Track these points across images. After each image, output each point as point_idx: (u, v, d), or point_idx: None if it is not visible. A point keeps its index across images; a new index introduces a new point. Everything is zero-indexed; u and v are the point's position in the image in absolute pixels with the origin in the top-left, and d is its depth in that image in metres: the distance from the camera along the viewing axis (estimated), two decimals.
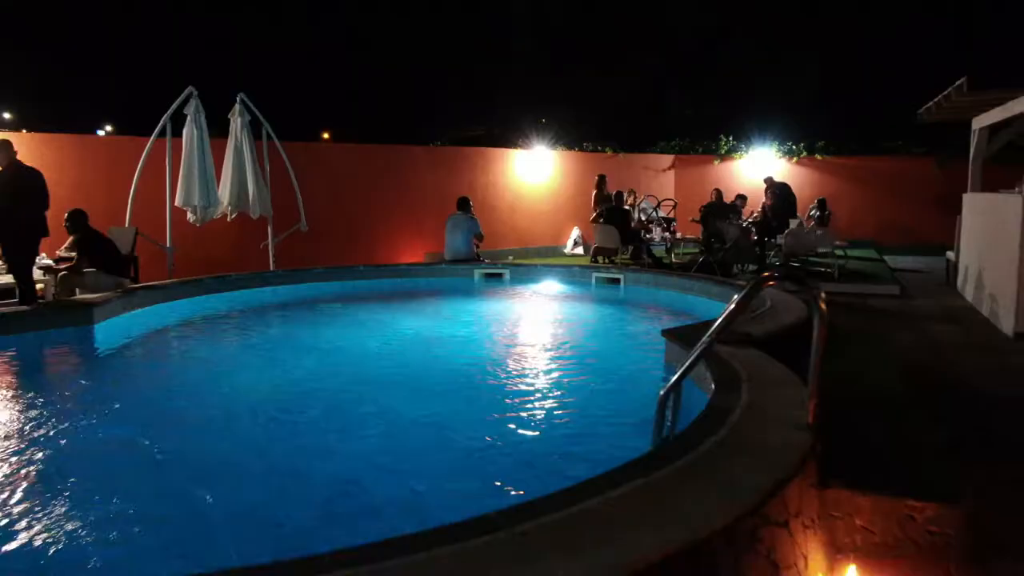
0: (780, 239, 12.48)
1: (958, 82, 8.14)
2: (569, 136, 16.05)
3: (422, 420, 4.27)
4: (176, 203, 9.24)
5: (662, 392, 3.19)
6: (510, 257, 10.62)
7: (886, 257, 14.50)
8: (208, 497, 3.21)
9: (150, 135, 9.13)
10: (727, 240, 10.38)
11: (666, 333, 4.98)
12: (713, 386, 3.67)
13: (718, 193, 13.97)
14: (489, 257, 12.88)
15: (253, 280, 8.80)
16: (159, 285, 7.70)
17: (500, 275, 9.98)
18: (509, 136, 15.23)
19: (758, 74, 20.92)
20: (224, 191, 9.76)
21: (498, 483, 3.44)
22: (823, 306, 3.05)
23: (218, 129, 10.06)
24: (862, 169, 17.21)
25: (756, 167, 17.58)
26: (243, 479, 3.49)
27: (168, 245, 9.21)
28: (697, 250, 14.84)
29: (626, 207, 13.06)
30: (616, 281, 9.26)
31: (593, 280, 9.49)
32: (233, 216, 9.93)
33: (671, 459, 2.59)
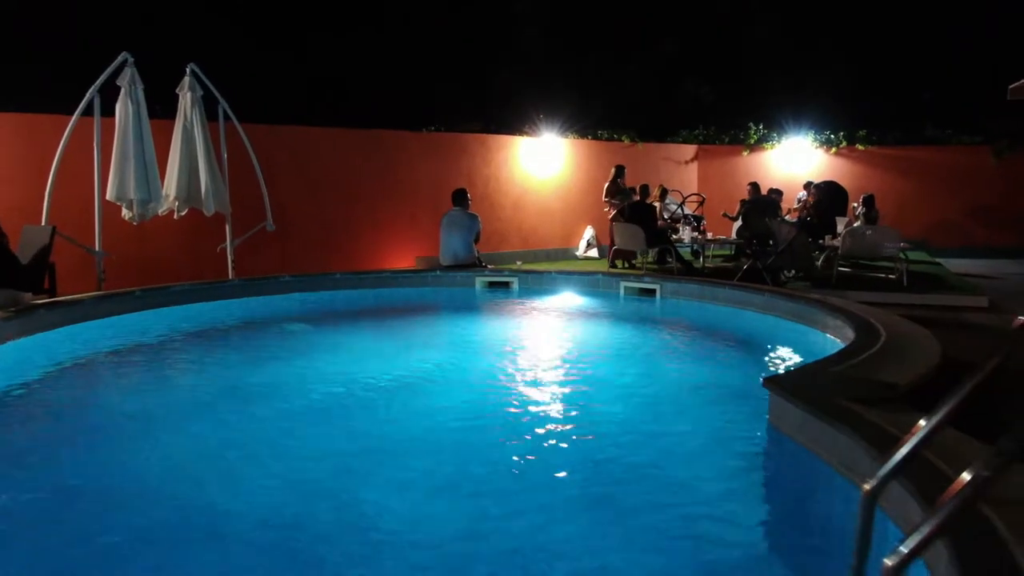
0: (829, 240, 10.90)
1: None
2: (581, 123, 14.42)
3: (417, 543, 2.65)
4: (107, 197, 7.63)
5: (869, 487, 1.69)
6: (518, 262, 9.03)
7: (940, 260, 12.95)
8: None
9: (73, 111, 7.50)
10: (779, 241, 8.78)
11: (771, 382, 3.39)
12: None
13: (756, 187, 12.40)
14: (490, 261, 11.26)
15: (200, 292, 7.21)
16: (68, 301, 6.08)
17: (507, 284, 8.39)
18: (513, 122, 13.60)
19: (788, 56, 19.33)
20: (170, 183, 8.16)
21: None
22: None
23: (164, 107, 8.46)
24: (908, 160, 15.63)
25: (790, 158, 16.01)
26: None
27: (97, 249, 7.60)
28: (730, 252, 13.29)
29: (654, 203, 11.47)
30: (651, 293, 7.67)
31: (622, 291, 7.89)
32: (182, 213, 8.33)
33: None
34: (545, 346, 6.11)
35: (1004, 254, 14.15)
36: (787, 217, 11.88)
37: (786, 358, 5.42)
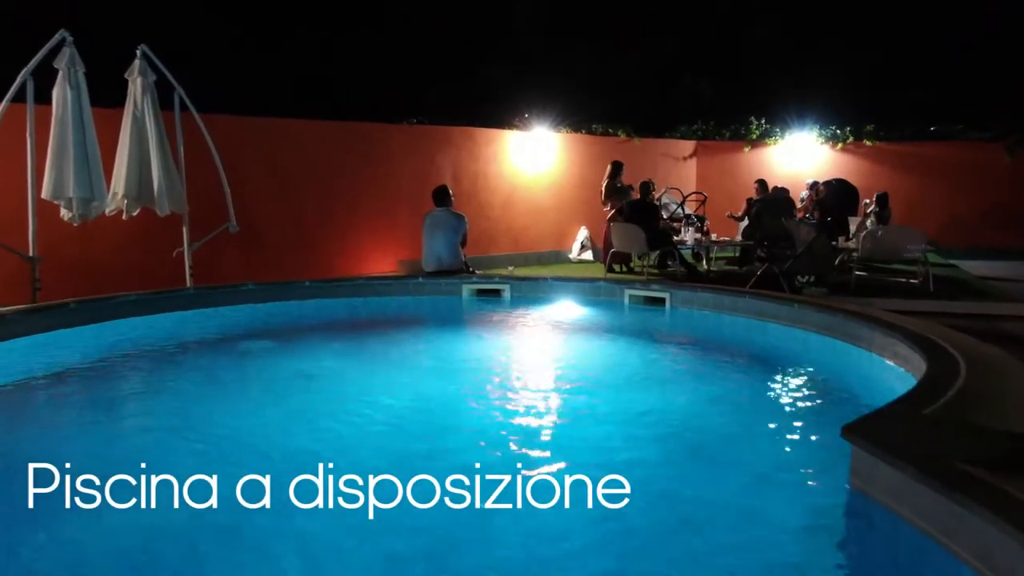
0: (843, 242, 10.20)
1: None
2: (574, 117, 13.65)
3: None
4: (43, 195, 6.78)
5: None
6: (510, 268, 8.25)
7: (953, 262, 12.32)
8: None
9: (2, 97, 6.64)
10: (797, 243, 8.05)
11: (854, 433, 2.61)
12: None
13: (764, 184, 11.70)
14: (478, 265, 10.47)
15: (146, 304, 6.36)
16: None
17: (498, 292, 7.59)
18: (502, 115, 12.81)
19: (791, 48, 18.69)
20: (118, 179, 7.31)
21: None
22: None
23: (109, 93, 7.60)
24: (917, 157, 15.03)
25: (793, 155, 15.34)
26: None
27: (31, 254, 6.75)
28: (733, 253, 12.58)
29: (655, 201, 10.74)
30: (659, 302, 6.89)
31: (626, 299, 7.12)
32: (133, 213, 7.49)
33: None
34: (543, 371, 5.31)
35: (1017, 255, 13.54)
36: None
37: (838, 388, 4.58)
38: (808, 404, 4.41)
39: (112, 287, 7.15)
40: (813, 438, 3.76)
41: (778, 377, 4.95)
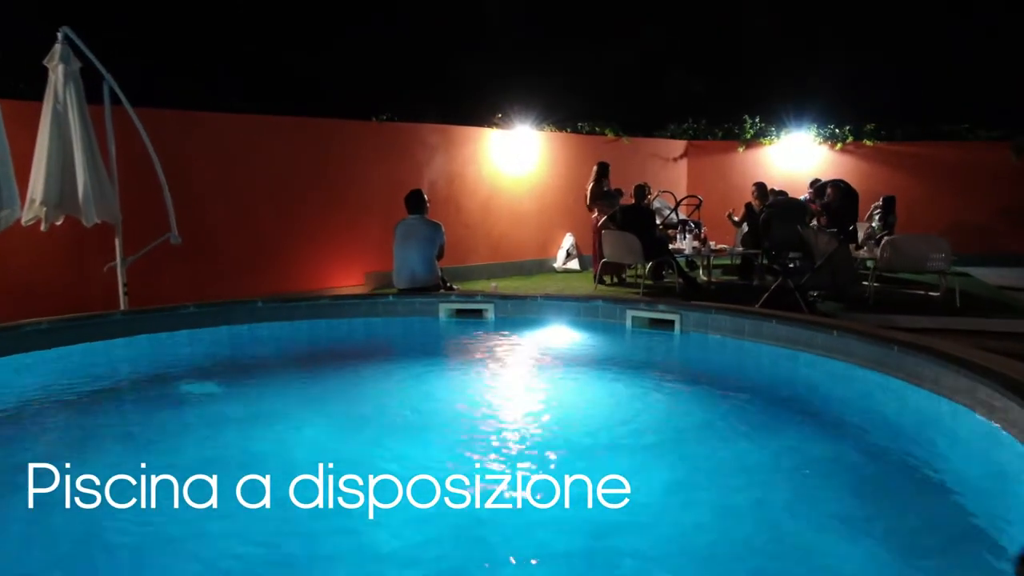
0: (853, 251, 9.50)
1: None
2: (558, 115, 12.82)
3: None
4: None
5: None
6: (493, 284, 7.39)
7: (964, 270, 11.69)
8: None
9: None
10: (816, 255, 7.29)
11: None
12: None
13: (763, 188, 10.97)
14: (454, 276, 9.63)
15: (64, 332, 5.42)
16: None
17: (480, 313, 6.75)
18: (481, 112, 11.95)
19: (788, 43, 18.07)
20: (36, 183, 6.33)
21: None
22: None
23: (28, 83, 6.64)
24: (918, 158, 14.40)
25: (790, 155, 14.66)
26: None
27: None
28: (730, 262, 11.85)
29: (652, 206, 9.95)
30: (667, 325, 6.09)
31: (629, 322, 6.30)
32: (56, 223, 6.52)
33: None
34: (537, 415, 4.44)
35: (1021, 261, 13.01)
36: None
37: (922, 455, 3.58)
38: (887, 480, 3.44)
39: (30, 310, 6.18)
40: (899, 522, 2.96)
41: (832, 432, 4.05)
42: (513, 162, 12.04)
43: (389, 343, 6.50)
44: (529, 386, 5.03)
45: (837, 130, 14.47)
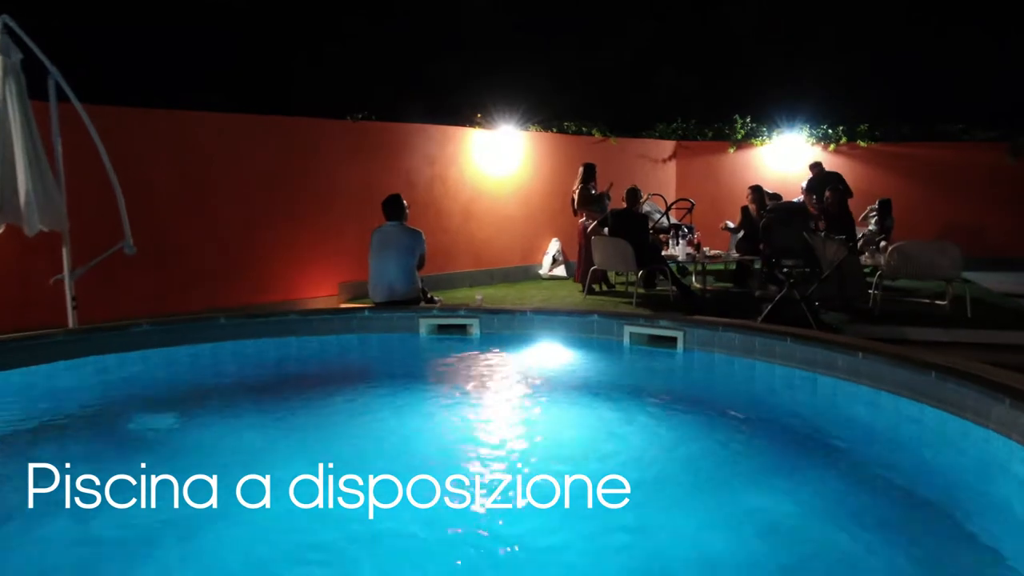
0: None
1: None
2: (544, 114, 12.36)
3: None
4: None
5: None
6: (478, 297, 6.92)
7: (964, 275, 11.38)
8: None
9: None
10: (823, 264, 6.88)
11: None
12: None
13: (759, 191, 10.60)
14: (434, 285, 9.15)
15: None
16: None
17: (464, 328, 6.27)
18: (463, 110, 11.45)
19: (780, 40, 17.76)
20: None
21: None
22: None
23: None
24: (914, 159, 14.14)
25: (783, 157, 14.33)
26: None
27: None
28: (723, 267, 11.46)
29: (642, 210, 9.52)
30: (669, 342, 5.64)
31: (627, 339, 5.85)
32: None
33: None
34: (525, 453, 3.95)
35: (1020, 265, 12.75)
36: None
37: (978, 506, 3.14)
38: (942, 543, 2.96)
39: None
40: None
41: (870, 476, 3.62)
42: (496, 163, 11.56)
43: (365, 364, 6.01)
44: (515, 419, 4.49)
45: (830, 130, 14.16)
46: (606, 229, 9.61)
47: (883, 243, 9.37)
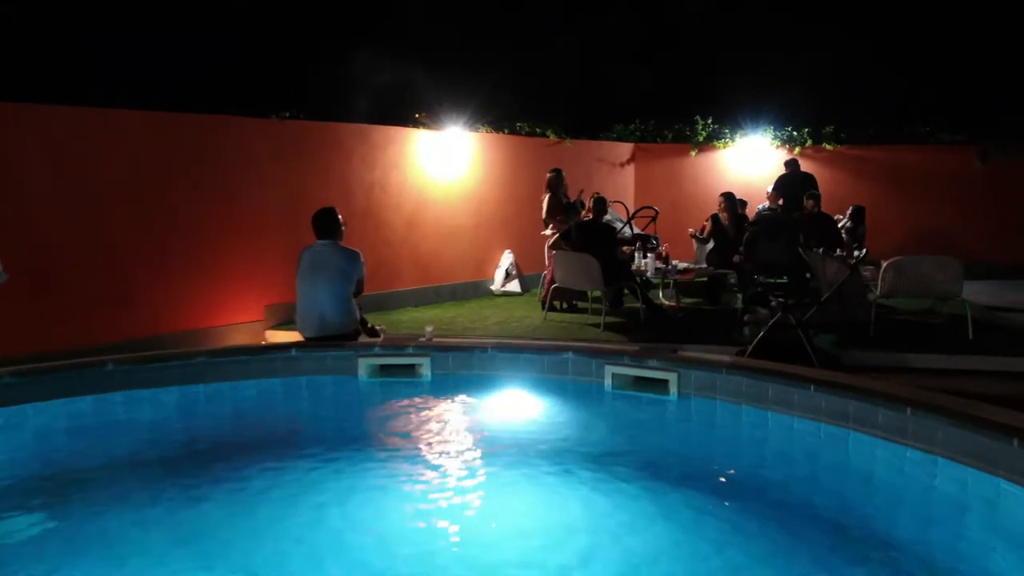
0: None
1: None
2: (493, 114, 11.44)
3: None
4: None
5: None
6: (428, 329, 5.94)
7: None
8: None
9: None
10: (823, 285, 6.13)
11: None
12: None
13: (731, 198, 9.89)
14: (374, 306, 8.13)
15: None
16: None
17: (412, 369, 5.31)
18: (405, 110, 10.44)
19: (743, 38, 17.25)
20: None
21: None
22: None
23: None
24: (880, 162, 13.72)
25: (747, 160, 13.74)
26: None
27: None
28: (694, 279, 10.72)
29: (614, 221, 8.69)
30: (659, 387, 4.78)
31: (608, 381, 4.97)
32: None
33: None
34: (484, 546, 3.05)
35: (1001, 273, 12.36)
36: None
37: None
38: None
39: None
40: None
41: None
42: (444, 167, 10.59)
43: (290, 421, 4.98)
44: (470, 502, 3.53)
45: (795, 133, 13.64)
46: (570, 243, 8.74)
47: (857, 252, 8.74)
